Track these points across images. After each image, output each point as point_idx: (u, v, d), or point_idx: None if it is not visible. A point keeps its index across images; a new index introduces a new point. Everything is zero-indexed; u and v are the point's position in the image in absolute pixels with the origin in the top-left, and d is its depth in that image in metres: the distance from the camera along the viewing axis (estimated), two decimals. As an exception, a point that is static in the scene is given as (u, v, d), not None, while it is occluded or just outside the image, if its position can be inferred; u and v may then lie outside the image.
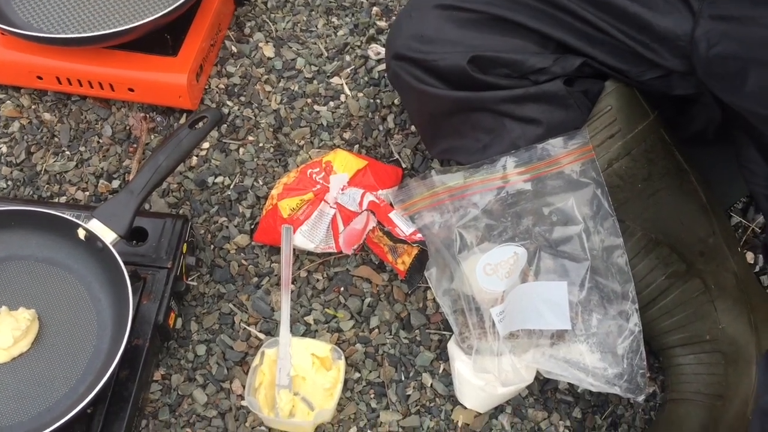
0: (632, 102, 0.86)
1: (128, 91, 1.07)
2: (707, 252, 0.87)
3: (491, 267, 0.86)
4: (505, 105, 0.86)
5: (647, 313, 0.88)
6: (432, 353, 0.95)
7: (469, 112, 0.86)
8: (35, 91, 1.13)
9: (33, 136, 1.10)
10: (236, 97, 1.13)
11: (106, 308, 0.86)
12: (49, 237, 0.89)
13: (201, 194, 1.06)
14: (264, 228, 0.99)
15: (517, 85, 0.85)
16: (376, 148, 1.09)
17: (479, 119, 0.86)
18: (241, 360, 0.95)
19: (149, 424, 0.91)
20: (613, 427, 0.92)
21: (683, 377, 0.87)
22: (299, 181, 0.99)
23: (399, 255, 0.94)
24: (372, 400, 0.93)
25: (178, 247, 0.94)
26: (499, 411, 0.93)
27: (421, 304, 0.98)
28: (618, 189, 0.87)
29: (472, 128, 0.88)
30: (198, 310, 0.98)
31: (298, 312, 0.98)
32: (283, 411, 0.89)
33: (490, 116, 0.86)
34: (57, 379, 0.83)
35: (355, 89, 1.13)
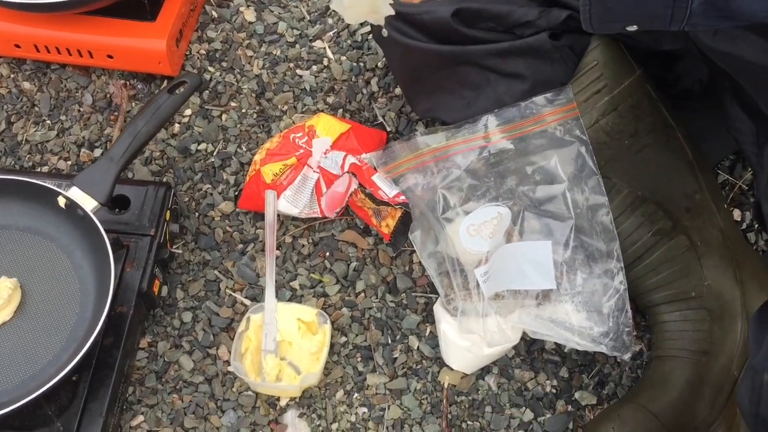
0: (618, 57, 0.85)
1: (107, 58, 1.05)
2: (693, 208, 0.87)
3: (474, 227, 0.86)
4: (490, 59, 0.85)
5: (633, 271, 0.88)
6: (418, 316, 0.95)
7: (453, 67, 0.85)
8: (14, 60, 1.11)
9: (13, 106, 1.09)
10: (217, 62, 1.11)
11: (88, 276, 0.86)
12: (30, 206, 0.88)
13: (184, 162, 1.05)
14: (248, 194, 0.99)
15: (503, 39, 0.84)
16: (360, 111, 1.08)
17: (464, 74, 0.85)
18: (227, 326, 0.95)
19: (136, 391, 0.91)
20: (600, 386, 0.93)
21: (668, 334, 0.87)
22: (282, 146, 0.98)
23: (383, 218, 0.94)
24: (359, 363, 0.93)
25: (161, 215, 0.93)
26: (486, 372, 0.93)
27: (407, 268, 0.98)
28: (604, 145, 0.86)
29: (456, 84, 0.87)
30: (183, 278, 0.98)
31: (283, 277, 0.97)
32: (270, 375, 0.90)
33: (475, 71, 0.84)
34: (40, 347, 0.83)
35: (338, 53, 1.12)
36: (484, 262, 0.87)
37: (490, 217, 0.87)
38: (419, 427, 0.90)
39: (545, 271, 0.85)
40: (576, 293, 0.87)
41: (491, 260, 0.87)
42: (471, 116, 0.88)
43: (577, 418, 0.91)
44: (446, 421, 0.90)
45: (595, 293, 0.87)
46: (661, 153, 0.87)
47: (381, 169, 0.94)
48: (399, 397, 0.91)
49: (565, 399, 0.92)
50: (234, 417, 0.90)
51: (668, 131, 0.87)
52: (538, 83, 0.85)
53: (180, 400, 0.91)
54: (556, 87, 0.85)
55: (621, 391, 0.92)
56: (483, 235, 0.86)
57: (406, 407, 0.91)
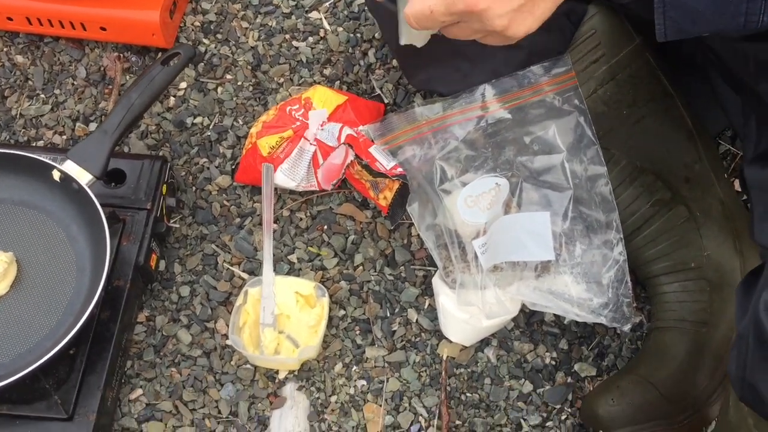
0: (617, 26, 0.84)
1: (100, 31, 1.04)
2: (693, 178, 0.86)
3: (472, 199, 0.85)
4: None
5: (632, 242, 0.87)
6: (417, 289, 0.95)
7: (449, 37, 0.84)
8: (6, 34, 1.10)
9: (6, 80, 1.08)
10: (212, 34, 1.10)
11: (84, 250, 0.86)
12: (25, 180, 0.88)
13: (180, 135, 1.04)
14: (244, 167, 0.98)
15: None
16: (357, 83, 1.07)
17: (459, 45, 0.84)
18: (224, 300, 0.95)
19: (134, 365, 0.91)
20: (600, 358, 0.92)
21: (668, 305, 0.86)
22: (278, 119, 0.97)
23: (380, 190, 0.93)
24: (357, 336, 0.93)
25: (157, 189, 0.93)
26: (485, 344, 0.92)
27: (405, 241, 0.97)
28: (603, 116, 0.85)
29: (452, 55, 0.86)
30: (181, 252, 0.97)
31: (281, 251, 0.97)
32: (268, 349, 0.89)
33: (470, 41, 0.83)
34: (37, 321, 0.82)
35: (335, 24, 1.11)
36: (482, 234, 0.87)
37: (488, 188, 0.86)
38: (418, 399, 0.90)
39: (544, 243, 0.85)
40: (575, 264, 0.86)
41: (489, 231, 0.86)
42: (467, 87, 0.87)
43: (576, 389, 0.91)
44: (445, 393, 0.89)
45: (595, 264, 0.86)
46: (660, 122, 0.86)
47: (378, 141, 0.93)
48: (398, 370, 0.91)
49: (564, 371, 0.91)
50: (233, 390, 0.90)
51: (668, 100, 0.86)
52: (534, 53, 0.84)
53: (178, 373, 0.91)
54: (552, 56, 0.84)
55: (621, 362, 0.92)
56: (481, 206, 0.85)
57: (405, 380, 0.91)
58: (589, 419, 0.86)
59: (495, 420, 0.89)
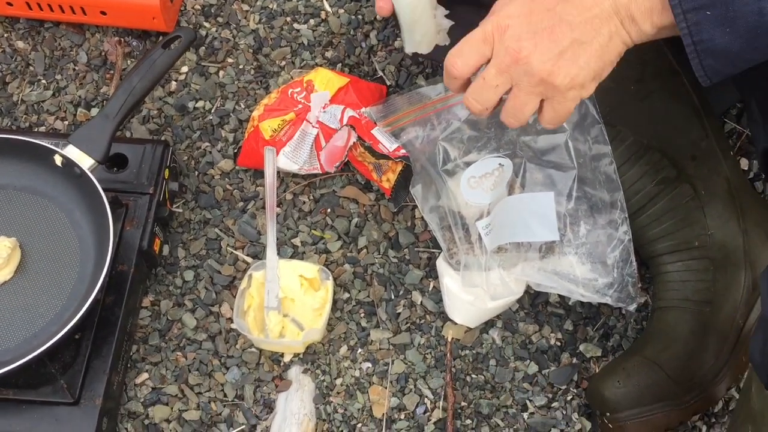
0: None
1: (100, 15, 1.03)
2: (699, 156, 0.85)
3: (475, 180, 0.85)
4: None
5: (636, 221, 0.87)
6: (421, 271, 0.95)
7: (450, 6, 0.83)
8: (7, 19, 1.10)
9: (7, 66, 1.07)
10: (213, 17, 1.09)
11: (87, 235, 0.85)
12: (27, 165, 0.87)
13: (182, 120, 1.04)
14: (247, 151, 0.98)
15: None
16: (359, 66, 1.06)
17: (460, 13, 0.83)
18: (229, 284, 0.95)
19: (140, 349, 0.91)
20: (605, 338, 0.92)
21: (671, 285, 0.86)
22: (280, 102, 0.96)
23: (383, 172, 0.93)
24: (362, 319, 0.93)
25: (160, 173, 0.92)
26: (490, 325, 0.92)
27: (409, 223, 0.97)
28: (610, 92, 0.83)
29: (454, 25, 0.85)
30: (185, 237, 0.97)
31: (285, 234, 0.97)
32: (273, 332, 0.90)
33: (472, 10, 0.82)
34: (42, 306, 0.83)
35: (336, 5, 1.10)
36: (485, 215, 0.86)
37: (491, 169, 0.85)
38: (423, 381, 0.90)
39: (548, 223, 0.84)
40: (580, 245, 0.86)
41: (493, 212, 0.86)
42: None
43: (581, 370, 0.91)
44: (450, 375, 0.89)
45: (599, 244, 0.86)
46: (667, 99, 0.85)
47: (380, 122, 0.92)
48: (403, 352, 0.91)
49: (569, 351, 0.91)
50: (238, 373, 0.90)
51: (674, 77, 0.85)
52: None
53: (184, 357, 0.91)
54: None
55: (626, 342, 0.91)
56: (484, 187, 0.85)
57: (410, 362, 0.91)
58: (595, 401, 0.86)
59: (500, 401, 0.89)
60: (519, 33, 0.64)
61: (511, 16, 0.64)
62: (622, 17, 0.62)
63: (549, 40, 0.63)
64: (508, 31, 0.64)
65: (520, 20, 0.64)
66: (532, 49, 0.63)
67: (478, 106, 0.68)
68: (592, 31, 0.63)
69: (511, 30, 0.64)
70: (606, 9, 0.62)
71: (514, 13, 0.64)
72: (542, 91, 0.65)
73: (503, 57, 0.64)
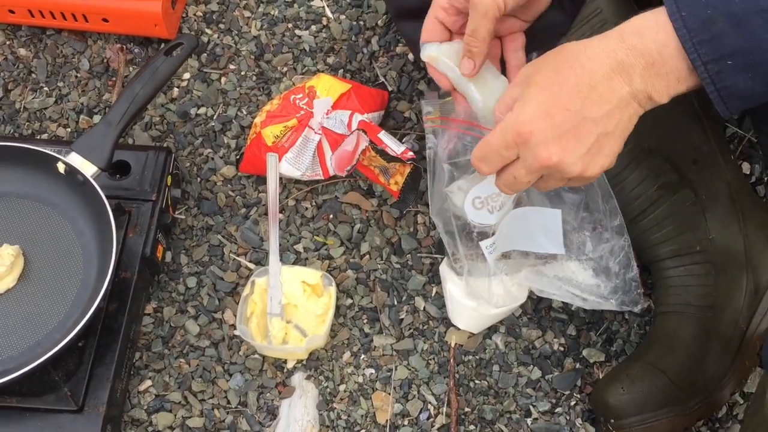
0: (622, 4, 0.83)
1: (102, 22, 1.03)
2: (700, 160, 0.85)
3: (480, 200, 0.84)
4: None
5: (637, 225, 0.87)
6: (424, 277, 0.95)
7: None
8: (9, 27, 1.10)
9: (9, 73, 1.08)
10: (215, 24, 1.10)
11: (90, 242, 0.86)
12: (30, 173, 0.88)
13: (184, 126, 1.04)
14: (249, 157, 0.98)
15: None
16: (361, 71, 1.06)
17: None
18: (232, 290, 0.95)
19: (143, 356, 0.91)
20: (608, 343, 0.92)
21: (673, 289, 0.86)
22: (282, 108, 0.96)
23: (391, 175, 0.93)
24: (365, 325, 0.93)
25: (162, 180, 0.93)
26: (493, 331, 0.92)
27: (411, 229, 0.97)
28: None
29: None
30: (187, 243, 0.97)
31: (287, 241, 0.97)
32: (276, 338, 0.89)
33: None
34: (45, 314, 0.83)
35: (337, 12, 1.10)
36: (490, 235, 0.85)
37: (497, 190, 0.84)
38: (427, 386, 0.90)
39: (554, 237, 0.84)
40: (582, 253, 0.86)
41: (499, 228, 0.85)
42: None
43: (585, 375, 0.90)
44: (454, 381, 0.89)
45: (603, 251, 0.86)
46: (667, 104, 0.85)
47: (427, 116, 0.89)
48: (406, 358, 0.91)
49: (573, 356, 0.91)
50: (241, 380, 0.90)
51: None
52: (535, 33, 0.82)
53: (187, 364, 0.91)
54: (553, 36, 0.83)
55: (629, 347, 0.91)
56: (489, 207, 0.84)
57: (413, 367, 0.91)
58: (599, 408, 0.85)
59: (504, 407, 0.89)
60: (544, 140, 0.63)
61: (532, 122, 0.63)
62: (639, 99, 0.63)
63: (575, 140, 0.63)
64: (532, 139, 0.63)
65: (541, 125, 0.63)
66: (561, 154, 0.63)
67: (509, 192, 0.70)
68: (614, 121, 0.63)
69: (535, 137, 0.63)
70: (624, 96, 0.63)
71: (534, 117, 0.63)
72: (572, 182, 0.67)
73: (532, 162, 0.65)
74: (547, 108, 0.63)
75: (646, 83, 0.62)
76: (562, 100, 0.63)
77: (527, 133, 0.63)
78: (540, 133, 0.63)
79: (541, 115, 0.63)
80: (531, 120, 0.63)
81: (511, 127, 0.64)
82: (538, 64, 0.66)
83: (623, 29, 0.62)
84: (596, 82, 0.62)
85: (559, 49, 0.65)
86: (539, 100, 0.64)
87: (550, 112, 0.63)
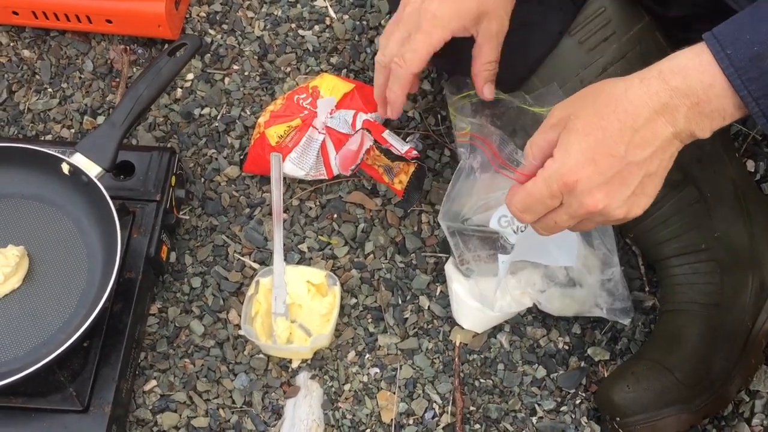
0: (626, 3, 0.83)
1: (106, 23, 1.04)
2: (705, 158, 0.85)
3: (506, 220, 0.83)
4: None
5: (642, 224, 0.87)
6: (428, 276, 0.95)
7: None
8: (13, 28, 1.10)
9: (14, 75, 1.08)
10: (218, 25, 1.10)
11: (95, 242, 0.86)
12: (34, 174, 0.88)
13: (188, 127, 1.04)
14: (253, 157, 0.98)
15: None
16: (364, 71, 1.06)
17: None
18: (236, 290, 0.95)
19: (148, 356, 0.91)
20: (613, 342, 0.92)
21: (678, 287, 0.86)
22: (286, 108, 0.97)
23: (395, 174, 0.93)
24: (370, 324, 0.93)
25: (166, 180, 0.93)
26: (498, 330, 0.92)
27: (415, 228, 0.97)
28: None
29: None
30: (191, 244, 0.97)
31: (291, 240, 0.97)
32: (281, 338, 0.90)
33: None
34: (50, 314, 0.83)
35: (341, 11, 1.10)
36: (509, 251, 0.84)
37: None
38: (432, 385, 0.90)
39: (568, 250, 0.84)
40: None
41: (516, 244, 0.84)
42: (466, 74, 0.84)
43: (590, 374, 0.90)
44: (459, 380, 0.89)
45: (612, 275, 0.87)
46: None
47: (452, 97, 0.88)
48: (411, 357, 0.91)
49: (577, 355, 0.91)
50: (246, 380, 0.90)
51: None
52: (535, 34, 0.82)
53: (192, 364, 0.91)
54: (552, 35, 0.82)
55: (634, 346, 0.91)
56: (514, 227, 0.82)
57: (418, 366, 0.91)
58: (605, 407, 0.85)
59: (509, 405, 0.89)
60: (590, 187, 0.63)
61: (577, 170, 0.63)
62: (682, 138, 0.64)
63: (620, 185, 0.63)
64: (578, 187, 0.63)
65: (587, 173, 0.63)
66: (607, 200, 0.64)
67: (546, 234, 0.70)
68: (657, 161, 0.64)
69: (581, 185, 0.63)
70: (667, 137, 0.63)
71: (578, 164, 0.63)
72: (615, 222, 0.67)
73: (577, 209, 0.65)
74: (592, 155, 0.63)
75: (690, 123, 0.62)
76: (606, 146, 0.62)
77: (573, 182, 0.63)
78: (586, 180, 0.63)
79: (586, 162, 0.63)
80: (576, 168, 0.63)
81: (556, 175, 0.64)
82: (575, 107, 0.65)
83: (663, 70, 0.62)
84: (639, 125, 0.62)
85: (597, 89, 0.65)
86: (583, 147, 0.63)
87: (594, 158, 0.63)
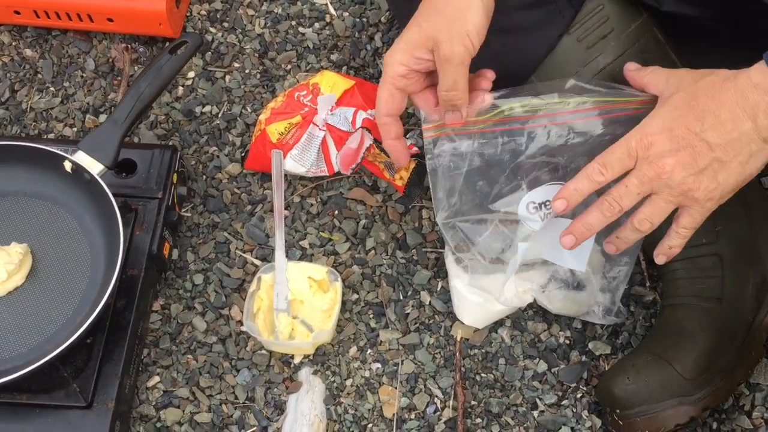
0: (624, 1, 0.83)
1: (107, 22, 1.04)
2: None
3: (534, 206, 0.83)
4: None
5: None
6: (429, 271, 0.95)
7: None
8: (14, 28, 1.11)
9: (16, 74, 1.08)
10: (219, 23, 1.10)
11: (98, 240, 0.86)
12: (37, 172, 0.88)
13: (189, 124, 1.04)
14: (254, 154, 0.98)
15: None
16: (364, 68, 1.06)
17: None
18: (238, 287, 0.95)
19: (151, 353, 0.92)
20: (614, 336, 0.92)
21: (679, 282, 0.86)
22: (286, 105, 0.97)
23: (396, 170, 0.93)
24: (371, 320, 0.93)
25: (168, 177, 0.93)
26: (499, 325, 0.93)
27: (416, 224, 0.97)
28: None
29: None
30: (193, 241, 0.98)
31: (293, 237, 0.97)
32: (283, 334, 0.90)
33: None
34: (54, 311, 0.83)
35: (341, 9, 1.10)
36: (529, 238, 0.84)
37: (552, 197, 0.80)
38: (433, 380, 0.90)
39: (581, 254, 0.83)
40: None
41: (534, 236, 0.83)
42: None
43: (591, 368, 0.91)
44: (460, 374, 0.90)
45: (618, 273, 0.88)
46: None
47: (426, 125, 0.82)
48: (412, 352, 0.91)
49: (578, 349, 0.91)
50: (249, 375, 0.90)
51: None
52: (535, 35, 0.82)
53: (194, 360, 0.91)
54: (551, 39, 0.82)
55: (635, 340, 0.92)
56: (542, 214, 0.82)
57: (419, 362, 0.91)
58: (605, 399, 0.86)
59: (510, 400, 0.89)
60: (662, 150, 0.68)
61: (654, 134, 0.68)
62: (765, 137, 0.66)
63: (690, 157, 0.67)
64: (651, 148, 0.68)
65: (662, 137, 0.68)
66: (675, 165, 0.67)
67: (615, 207, 0.71)
68: (732, 152, 0.67)
69: (654, 147, 0.68)
70: (747, 131, 0.66)
71: (656, 130, 0.68)
72: (681, 201, 0.70)
73: (646, 170, 0.68)
74: (671, 125, 0.68)
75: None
76: (686, 121, 0.67)
77: (648, 143, 0.68)
78: (659, 144, 0.68)
79: (664, 129, 0.68)
80: (654, 132, 0.68)
81: (637, 135, 0.69)
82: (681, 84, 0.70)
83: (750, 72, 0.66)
84: (720, 112, 0.66)
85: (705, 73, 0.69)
86: (666, 117, 0.69)
87: (672, 127, 0.68)
